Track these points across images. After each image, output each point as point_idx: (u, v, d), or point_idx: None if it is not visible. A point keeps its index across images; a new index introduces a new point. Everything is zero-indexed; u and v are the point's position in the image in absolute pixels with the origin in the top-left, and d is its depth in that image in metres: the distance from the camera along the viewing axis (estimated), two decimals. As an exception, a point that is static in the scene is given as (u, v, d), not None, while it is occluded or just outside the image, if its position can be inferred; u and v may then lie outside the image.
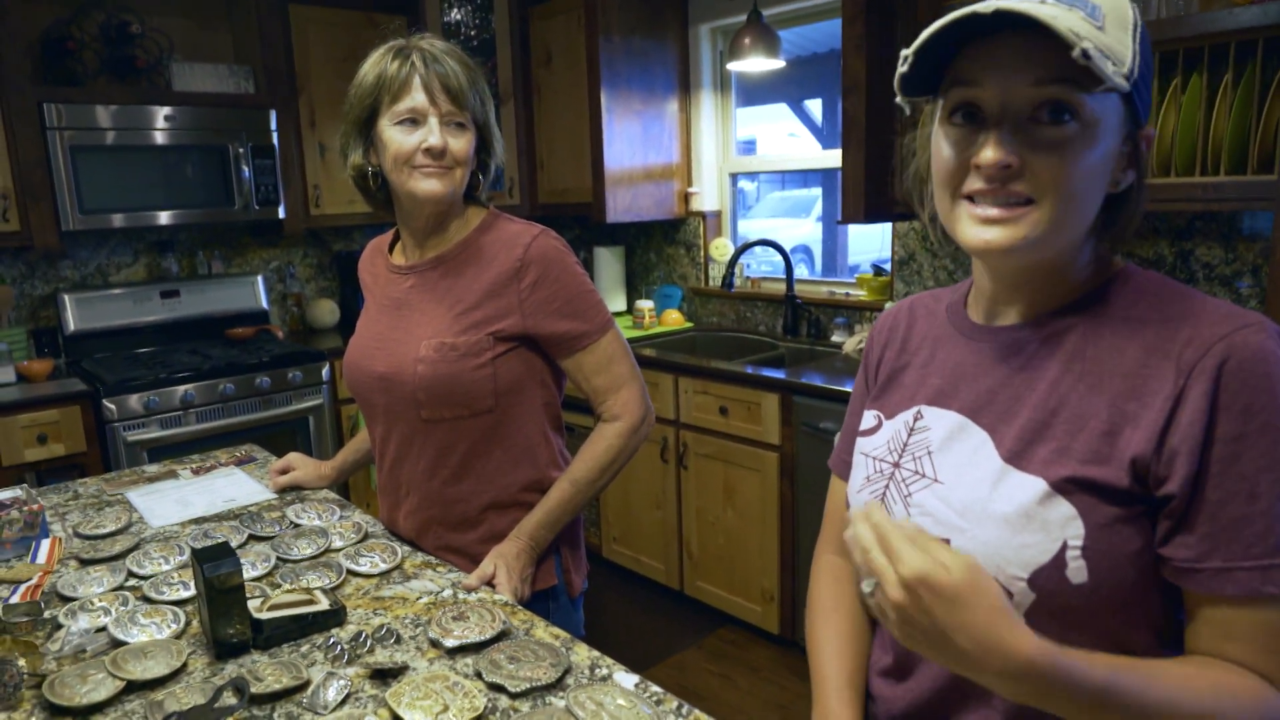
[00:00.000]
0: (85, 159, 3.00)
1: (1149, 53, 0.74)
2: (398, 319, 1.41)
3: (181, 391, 3.00)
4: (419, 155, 1.31)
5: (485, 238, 1.39)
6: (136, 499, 1.66)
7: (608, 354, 1.39)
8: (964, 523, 0.77)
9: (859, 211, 2.59)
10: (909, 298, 1.00)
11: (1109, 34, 0.69)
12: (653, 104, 3.52)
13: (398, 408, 1.39)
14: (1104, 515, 0.72)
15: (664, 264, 3.93)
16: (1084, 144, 0.71)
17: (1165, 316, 0.74)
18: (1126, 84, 0.69)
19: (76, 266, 3.38)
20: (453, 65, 1.32)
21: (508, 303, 1.34)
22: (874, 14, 2.48)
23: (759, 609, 2.90)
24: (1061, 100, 0.70)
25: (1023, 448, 0.77)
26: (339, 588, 1.26)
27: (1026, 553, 0.73)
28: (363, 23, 3.57)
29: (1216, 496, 0.69)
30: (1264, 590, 0.68)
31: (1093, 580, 0.72)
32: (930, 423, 0.84)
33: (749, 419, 2.78)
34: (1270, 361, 0.68)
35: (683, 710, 0.94)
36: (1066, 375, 0.77)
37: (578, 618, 1.49)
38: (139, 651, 1.06)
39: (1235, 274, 2.26)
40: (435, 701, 0.94)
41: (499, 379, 1.35)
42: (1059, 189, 0.71)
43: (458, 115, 1.32)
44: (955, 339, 0.87)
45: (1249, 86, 1.88)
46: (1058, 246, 0.76)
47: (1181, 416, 0.69)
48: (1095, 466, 0.72)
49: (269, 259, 3.85)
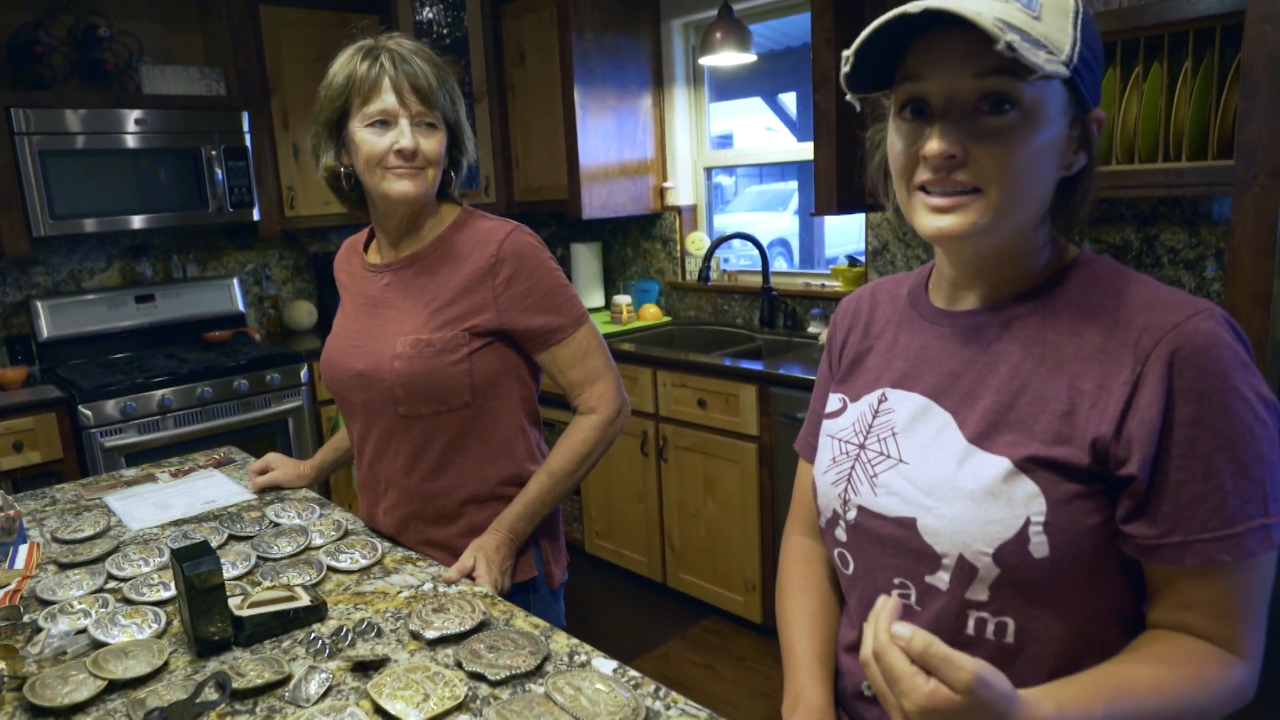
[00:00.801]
0: (55, 164, 2.98)
1: (1093, 37, 0.75)
2: (374, 317, 1.42)
3: (159, 396, 2.99)
4: (391, 157, 1.32)
5: (459, 235, 1.40)
6: (115, 503, 1.66)
7: (583, 347, 1.41)
8: (931, 501, 0.80)
9: (832, 203, 2.61)
10: (871, 283, 1.02)
11: (1046, 22, 0.72)
12: (627, 100, 3.53)
13: (376, 404, 1.40)
14: (1065, 492, 0.75)
15: (641, 259, 3.94)
16: (1026, 131, 0.73)
17: (1122, 303, 0.76)
18: (1066, 70, 0.71)
19: (49, 273, 3.36)
20: (421, 65, 1.32)
21: (482, 298, 1.36)
22: (842, 7, 2.50)
23: (741, 599, 2.92)
24: (1000, 91, 0.72)
25: (986, 429, 0.79)
26: (320, 584, 1.27)
27: (991, 529, 0.76)
28: (334, 23, 3.56)
29: (1177, 478, 0.72)
30: (1219, 559, 0.72)
31: (1054, 554, 0.74)
32: (894, 405, 0.87)
33: (727, 411, 2.81)
34: (1221, 346, 0.71)
35: (660, 693, 0.96)
36: (1027, 359, 0.79)
37: (558, 609, 1.50)
38: (120, 652, 1.06)
39: (1199, 258, 2.30)
40: (416, 691, 0.96)
41: (475, 374, 1.36)
42: (1003, 176, 0.74)
43: (428, 115, 1.33)
44: (918, 323, 0.89)
45: (1208, 74, 1.92)
46: (1010, 231, 0.78)
47: (1140, 401, 0.72)
48: (1057, 446, 0.75)
49: (244, 261, 3.83)
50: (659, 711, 0.93)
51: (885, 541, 0.84)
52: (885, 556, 0.84)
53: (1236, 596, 0.73)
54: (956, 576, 0.78)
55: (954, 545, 0.78)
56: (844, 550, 0.89)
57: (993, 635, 0.79)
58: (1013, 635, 0.78)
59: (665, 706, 0.94)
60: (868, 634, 0.67)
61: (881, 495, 0.84)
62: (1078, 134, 0.77)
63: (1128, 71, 2.03)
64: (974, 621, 0.79)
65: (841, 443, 0.91)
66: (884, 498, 0.84)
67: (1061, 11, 0.73)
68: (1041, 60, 0.69)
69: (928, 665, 0.63)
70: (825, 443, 0.94)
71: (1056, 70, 0.70)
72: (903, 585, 0.83)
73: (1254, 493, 0.71)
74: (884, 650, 0.64)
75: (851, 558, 0.88)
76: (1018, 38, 0.68)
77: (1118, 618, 0.80)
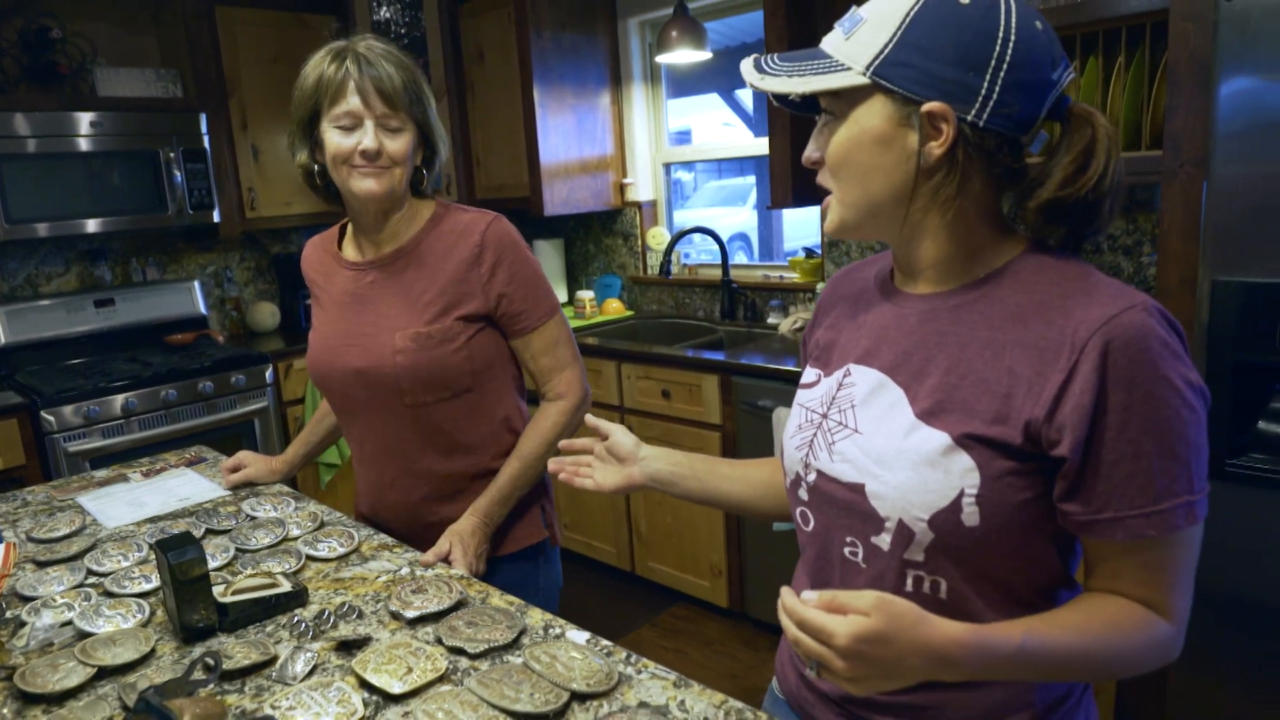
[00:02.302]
0: (9, 168, 2.95)
1: (933, 38, 0.80)
2: (363, 314, 1.46)
3: (122, 400, 2.98)
4: (356, 156, 1.36)
5: (440, 228, 1.46)
6: (88, 503, 1.68)
7: (554, 336, 1.48)
8: (878, 469, 0.87)
9: (787, 196, 2.69)
10: (841, 269, 1.09)
11: (854, 40, 0.83)
12: (585, 97, 3.58)
13: (380, 399, 1.44)
14: (998, 469, 0.81)
15: (603, 254, 3.99)
16: (839, 134, 0.85)
17: (1062, 294, 0.83)
18: (862, 77, 0.82)
19: (5, 278, 3.32)
20: (388, 69, 1.36)
21: (470, 286, 1.42)
22: (794, 6, 2.58)
23: (708, 584, 2.99)
24: (816, 103, 0.88)
25: (933, 405, 0.86)
26: (299, 572, 1.31)
27: (928, 497, 0.83)
28: (292, 23, 3.56)
29: (1109, 459, 0.78)
30: (1146, 533, 0.79)
31: (984, 524, 0.82)
32: (856, 379, 0.94)
33: (690, 401, 2.87)
34: (1150, 338, 0.78)
35: (631, 659, 1.02)
36: (973, 343, 0.86)
37: (559, 568, 1.61)
38: (107, 640, 1.09)
39: (1137, 244, 2.41)
40: (400, 665, 1.00)
41: (474, 359, 1.43)
42: (832, 172, 0.87)
43: (393, 118, 1.37)
44: (881, 303, 0.97)
45: (1140, 68, 2.02)
46: (885, 221, 0.88)
47: (1074, 388, 0.78)
48: (994, 426, 0.82)
49: (205, 264, 3.81)
50: (630, 676, 0.99)
51: (839, 504, 0.91)
52: (839, 517, 0.91)
53: (1164, 566, 0.81)
54: (896, 539, 0.86)
55: (895, 510, 0.85)
56: (805, 509, 0.96)
57: (929, 591, 0.86)
58: (945, 593, 0.86)
59: (636, 672, 1.00)
60: (785, 622, 0.76)
61: (837, 462, 0.91)
62: (919, 125, 0.82)
63: (1065, 66, 2.12)
64: (911, 579, 0.87)
65: (808, 411, 0.98)
66: (839, 464, 0.91)
67: (882, 24, 0.82)
68: (796, 84, 0.85)
69: (836, 609, 0.73)
70: (795, 410, 1.01)
71: (831, 84, 0.83)
72: (853, 544, 0.90)
73: (1180, 472, 0.78)
74: (798, 612, 0.74)
75: (811, 516, 0.95)
76: (760, 76, 0.88)
77: (1048, 587, 0.88)
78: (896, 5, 0.82)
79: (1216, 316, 1.61)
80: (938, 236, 0.88)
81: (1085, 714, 0.94)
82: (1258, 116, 1.51)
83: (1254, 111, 1.52)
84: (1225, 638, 1.70)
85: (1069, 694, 0.92)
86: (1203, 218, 1.61)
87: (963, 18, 0.80)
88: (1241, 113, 1.53)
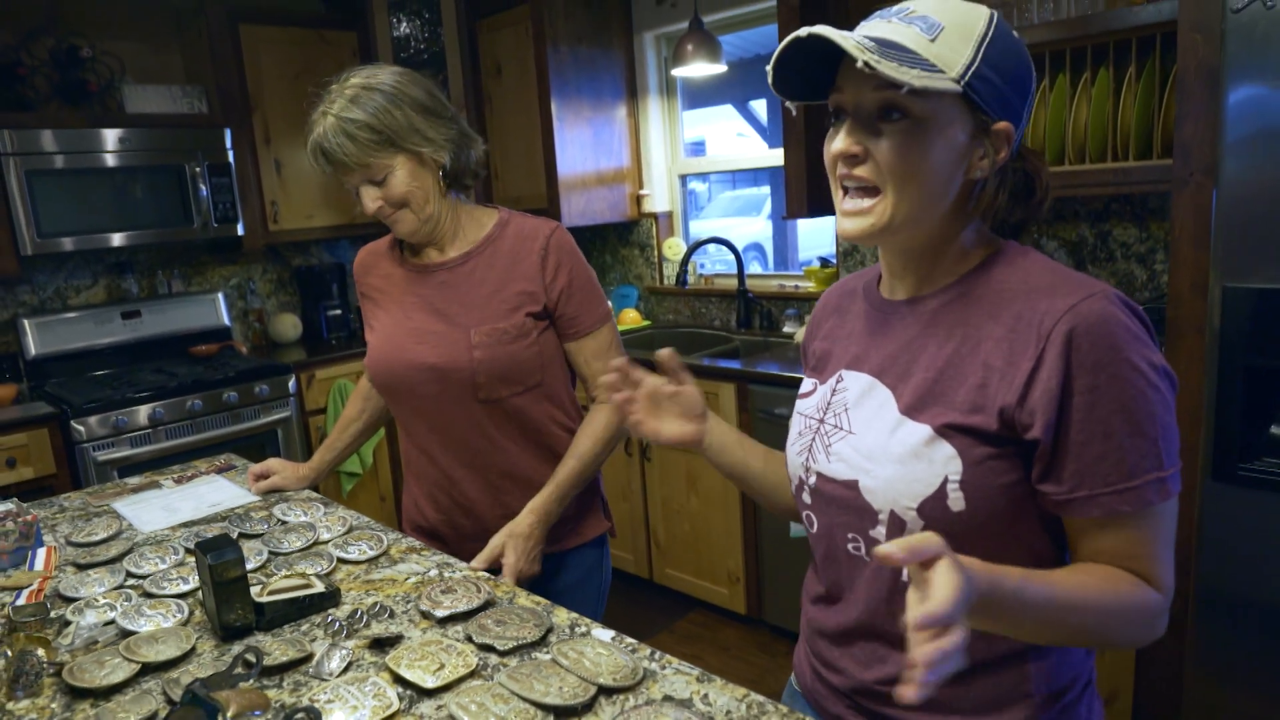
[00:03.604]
0: (41, 183, 3.02)
1: (1006, 59, 0.85)
2: (434, 313, 1.52)
3: (149, 410, 3.04)
4: (373, 215, 1.47)
5: (507, 232, 1.53)
6: (123, 508, 1.73)
7: (608, 341, 1.55)
8: (869, 464, 0.91)
9: (802, 206, 2.73)
10: (833, 285, 1.13)
11: (941, 44, 0.83)
12: (602, 110, 3.63)
13: (452, 393, 1.49)
14: (979, 455, 0.85)
15: (619, 265, 4.04)
16: (916, 137, 0.84)
17: (1030, 289, 0.87)
18: (956, 85, 0.82)
19: (35, 290, 3.40)
20: (339, 139, 1.39)
21: (536, 287, 1.49)
22: (807, 19, 2.62)
23: (726, 591, 3.02)
24: (891, 101, 0.84)
25: (916, 401, 0.90)
26: (331, 574, 1.35)
27: (916, 486, 0.87)
28: (313, 40, 3.63)
29: (1080, 439, 0.82)
30: (1120, 509, 0.82)
31: (969, 508, 0.85)
32: (848, 384, 0.98)
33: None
34: (1111, 323, 0.82)
35: (655, 655, 1.05)
36: (950, 340, 0.90)
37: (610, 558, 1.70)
38: (149, 638, 1.14)
39: (1149, 251, 2.43)
40: (432, 661, 1.04)
41: (544, 354, 1.51)
42: (894, 175, 0.85)
43: (370, 172, 1.43)
44: (869, 312, 1.01)
45: (1150, 79, 2.04)
46: (916, 228, 0.89)
47: (1041, 374, 0.83)
48: (972, 415, 0.86)
49: (229, 276, 3.88)
50: (655, 671, 1.02)
51: (837, 501, 0.95)
52: (839, 514, 0.95)
53: (1143, 541, 0.84)
54: (890, 530, 0.90)
55: (886, 502, 0.89)
56: (809, 512, 1.00)
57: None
58: None
59: (660, 667, 1.03)
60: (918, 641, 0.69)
61: (834, 462, 0.95)
62: (982, 143, 0.87)
63: (1077, 77, 2.16)
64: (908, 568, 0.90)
65: (806, 419, 1.02)
66: (835, 464, 0.95)
67: (964, 35, 0.84)
68: (911, 77, 0.80)
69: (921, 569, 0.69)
70: (795, 420, 1.05)
71: (935, 85, 0.81)
72: (854, 539, 0.94)
73: (1149, 449, 0.82)
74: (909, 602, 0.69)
75: (815, 517, 0.99)
76: (876, 57, 0.79)
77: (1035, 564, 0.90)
78: (971, 17, 0.85)
79: (1228, 322, 1.63)
80: (945, 244, 0.92)
81: (1087, 709, 0.96)
82: (1265, 124, 1.54)
83: (1262, 119, 1.54)
84: (1240, 641, 1.71)
85: (1069, 686, 0.94)
86: (1213, 225, 1.63)
87: (1018, 45, 0.87)
88: (1249, 121, 1.55)
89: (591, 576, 1.61)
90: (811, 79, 0.90)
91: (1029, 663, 0.92)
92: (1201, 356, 1.70)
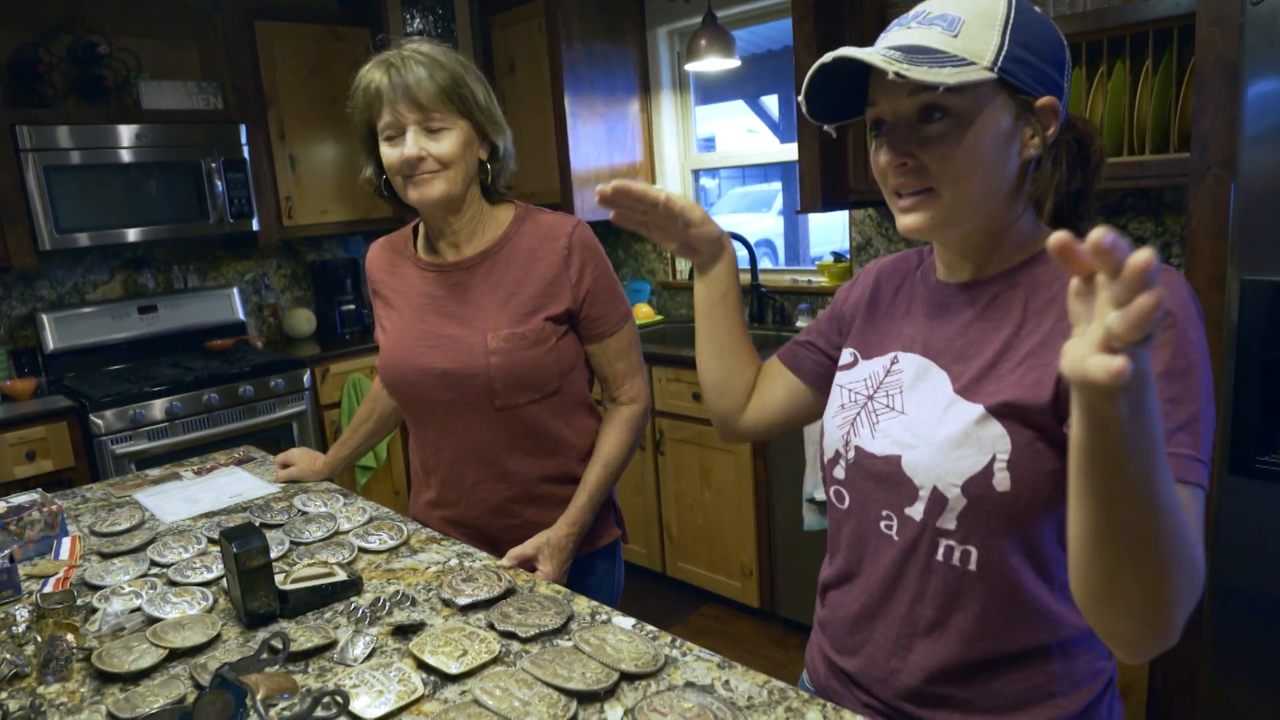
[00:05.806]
0: (59, 179, 3.05)
1: (1033, 36, 0.85)
2: (447, 315, 1.46)
3: (165, 404, 3.07)
4: (405, 165, 1.37)
5: (525, 229, 1.47)
6: (145, 499, 1.75)
7: (629, 340, 1.51)
8: (915, 441, 0.92)
9: (816, 201, 2.73)
10: (885, 259, 1.13)
11: (965, 37, 0.83)
12: (615, 106, 3.64)
13: (467, 400, 1.43)
14: (1028, 436, 0.86)
15: (632, 260, 4.04)
16: (961, 133, 0.85)
17: None
18: (990, 73, 0.82)
19: (53, 285, 3.43)
20: (419, 73, 1.34)
21: (560, 288, 1.43)
22: (822, 12, 2.62)
23: (739, 584, 3.03)
24: (930, 103, 0.85)
25: (970, 383, 0.91)
26: (352, 563, 1.37)
27: (962, 464, 0.88)
28: (328, 36, 3.65)
29: None
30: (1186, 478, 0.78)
31: (1014, 489, 0.86)
32: (904, 366, 0.99)
33: (721, 404, 2.91)
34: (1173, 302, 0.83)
35: (676, 643, 1.06)
36: (1007, 324, 0.91)
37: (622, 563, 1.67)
38: (176, 625, 1.15)
39: (1165, 245, 2.42)
40: (455, 648, 1.05)
41: (562, 361, 1.45)
42: (948, 174, 0.86)
43: (434, 120, 1.35)
44: (926, 295, 1.02)
45: (1167, 72, 2.04)
46: (977, 216, 0.89)
47: None
48: (1027, 391, 0.86)
49: (244, 271, 3.91)
50: (676, 658, 1.03)
51: (876, 476, 0.95)
52: (875, 490, 0.96)
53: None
54: (930, 507, 0.90)
55: (930, 478, 0.90)
56: (840, 487, 1.01)
57: (959, 563, 0.90)
58: (975, 564, 0.89)
59: (681, 654, 1.04)
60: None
61: (879, 438, 0.96)
62: (1029, 122, 0.87)
63: (1093, 70, 2.15)
64: (943, 549, 0.91)
65: (851, 392, 1.03)
66: (880, 440, 0.96)
67: (986, 23, 0.84)
68: (944, 76, 0.80)
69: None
70: (836, 391, 1.05)
71: (970, 78, 0.81)
72: (888, 517, 0.95)
73: (1190, 430, 0.80)
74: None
75: (847, 493, 1.00)
76: (905, 65, 0.80)
77: None
78: (990, 4, 0.85)
79: (1245, 315, 1.63)
80: (1006, 228, 0.92)
81: (1108, 709, 0.96)
82: (1285, 118, 1.54)
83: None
84: (1256, 635, 1.71)
85: (1092, 686, 0.94)
86: (1230, 218, 1.63)
87: (1045, 21, 0.87)
88: (1268, 114, 1.55)
89: (603, 584, 1.57)
90: (844, 97, 0.91)
91: (1054, 661, 0.92)
92: (1219, 350, 1.69)
